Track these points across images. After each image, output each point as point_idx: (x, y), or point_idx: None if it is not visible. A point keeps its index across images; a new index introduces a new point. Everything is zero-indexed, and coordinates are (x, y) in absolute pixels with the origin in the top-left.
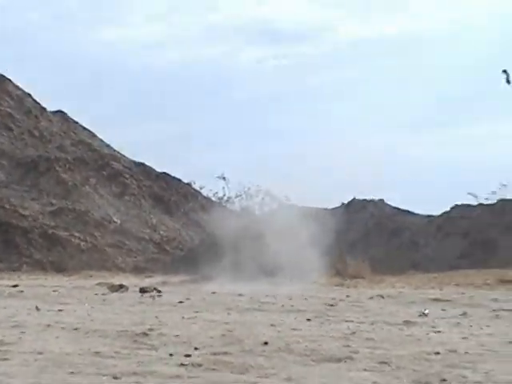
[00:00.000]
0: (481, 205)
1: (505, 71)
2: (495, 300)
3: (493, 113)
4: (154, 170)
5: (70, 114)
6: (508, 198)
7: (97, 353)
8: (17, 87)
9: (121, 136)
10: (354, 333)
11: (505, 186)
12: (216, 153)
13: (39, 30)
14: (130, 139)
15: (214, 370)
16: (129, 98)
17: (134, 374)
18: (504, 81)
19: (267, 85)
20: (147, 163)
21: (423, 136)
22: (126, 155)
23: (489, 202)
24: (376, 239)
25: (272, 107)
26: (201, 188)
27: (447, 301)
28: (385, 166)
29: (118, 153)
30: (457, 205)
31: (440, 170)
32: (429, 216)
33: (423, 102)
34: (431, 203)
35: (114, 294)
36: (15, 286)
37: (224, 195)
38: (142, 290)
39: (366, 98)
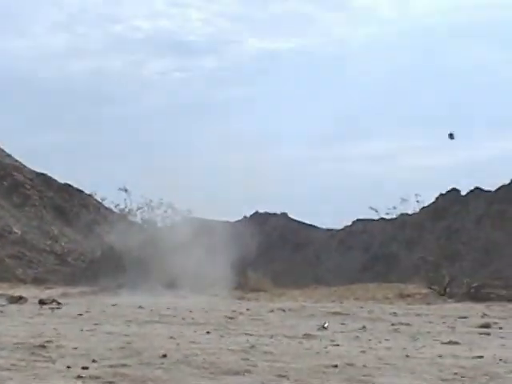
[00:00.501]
0: (382, 219)
1: (451, 135)
2: (394, 314)
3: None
4: (55, 180)
5: None
6: (408, 212)
7: None
8: None
9: (22, 146)
10: (253, 346)
11: (405, 200)
12: (118, 164)
13: None
14: (32, 149)
15: (111, 382)
16: (33, 108)
17: None
18: (448, 136)
19: (171, 97)
20: (49, 174)
21: (325, 150)
22: (28, 166)
23: (390, 216)
24: (279, 253)
25: (176, 119)
26: (102, 200)
27: (347, 314)
28: (288, 180)
29: (20, 163)
30: (358, 219)
31: (341, 184)
32: (331, 230)
33: (321, 118)
34: (333, 217)
35: (13, 305)
36: None
37: (126, 207)
38: (41, 302)
39: (273, 112)
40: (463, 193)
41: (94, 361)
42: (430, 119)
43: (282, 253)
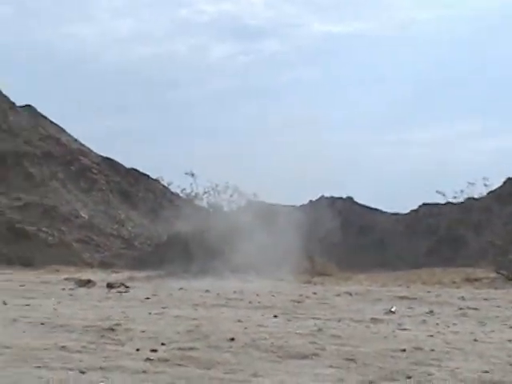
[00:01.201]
0: (448, 203)
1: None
2: (462, 298)
3: (462, 112)
4: (122, 165)
5: (39, 109)
6: (475, 196)
7: (63, 347)
8: None
9: (89, 131)
10: (320, 330)
11: (472, 184)
12: (184, 149)
13: (8, 24)
14: (99, 134)
15: (180, 365)
16: (98, 93)
17: (101, 368)
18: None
19: (235, 81)
20: (115, 159)
21: (392, 135)
22: (95, 150)
23: (456, 200)
24: (344, 237)
25: (241, 103)
26: (169, 184)
27: (414, 299)
28: (353, 164)
29: (87, 148)
30: (424, 203)
31: (408, 168)
32: (397, 214)
33: (392, 101)
34: (399, 202)
35: (82, 289)
36: None
37: (192, 191)
38: (109, 286)
39: (334, 95)
40: None
41: (162, 344)
42: (497, 102)
43: (347, 237)
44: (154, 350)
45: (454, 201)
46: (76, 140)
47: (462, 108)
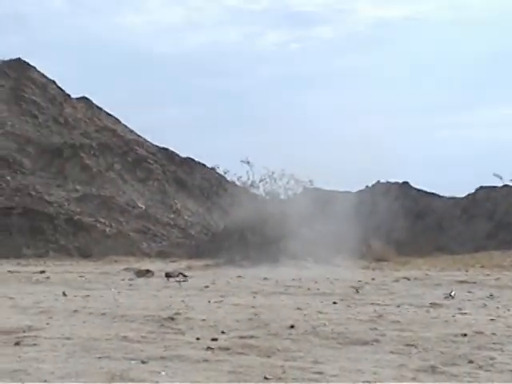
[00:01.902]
0: (506, 186)
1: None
2: None
3: None
4: (177, 154)
5: (94, 101)
6: None
7: (124, 337)
8: (41, 74)
9: (144, 121)
10: (380, 316)
11: None
12: (239, 137)
13: (63, 16)
14: (154, 124)
15: (240, 353)
16: (151, 83)
17: (162, 358)
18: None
19: (289, 68)
20: (171, 148)
21: (447, 118)
22: (150, 140)
23: None
24: (401, 222)
25: (294, 91)
26: (225, 172)
27: (473, 283)
28: (409, 149)
29: (142, 138)
30: (482, 186)
31: (465, 151)
32: (453, 198)
33: (447, 85)
34: (456, 185)
35: (141, 279)
36: (42, 272)
37: (248, 179)
38: (168, 275)
39: (388, 81)
40: None
41: (222, 332)
42: None
43: (404, 222)
44: (215, 339)
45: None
46: (132, 131)
47: None
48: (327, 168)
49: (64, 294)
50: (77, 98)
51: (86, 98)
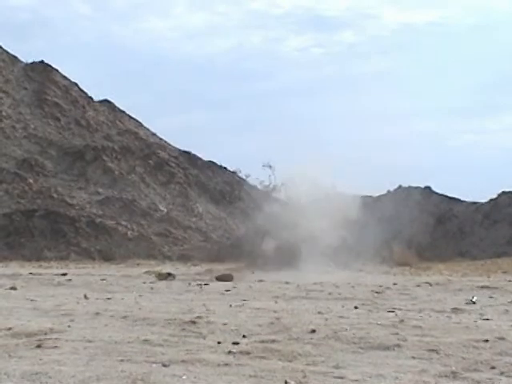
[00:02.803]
0: None
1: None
2: None
3: None
4: (199, 158)
5: (117, 104)
6: None
7: (146, 341)
8: (64, 77)
9: (166, 125)
10: (402, 321)
11: None
12: (261, 141)
13: (86, 20)
14: (176, 128)
15: (262, 357)
16: (174, 87)
17: (183, 361)
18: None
19: (310, 72)
20: (193, 151)
21: (470, 123)
22: (172, 144)
23: None
24: (422, 226)
25: (316, 95)
26: (246, 176)
27: (495, 288)
28: (431, 154)
29: (164, 141)
30: (504, 192)
31: (486, 156)
32: (475, 203)
33: (472, 89)
34: (478, 190)
35: (162, 282)
36: (64, 274)
37: (270, 184)
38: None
39: (411, 86)
40: None
41: (244, 336)
42: None
43: (425, 226)
44: (236, 343)
45: None
46: (154, 134)
47: None
48: (350, 172)
49: (85, 297)
50: (99, 101)
51: (109, 101)
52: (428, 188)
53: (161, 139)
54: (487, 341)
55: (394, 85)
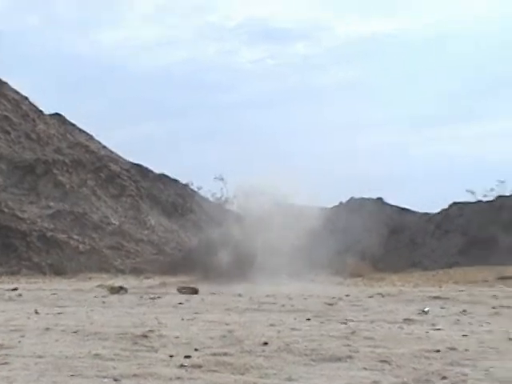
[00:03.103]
0: (479, 202)
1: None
2: (495, 297)
3: (491, 111)
4: (151, 171)
5: (67, 117)
6: (506, 194)
7: (97, 355)
8: (14, 90)
9: (118, 138)
10: (354, 332)
11: (503, 182)
12: (213, 153)
13: (37, 33)
14: (127, 141)
15: (214, 370)
16: (126, 99)
17: (135, 375)
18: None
19: (264, 84)
20: (145, 164)
21: (421, 134)
22: (124, 156)
23: (487, 198)
24: (375, 238)
25: (269, 107)
26: (199, 189)
27: (446, 298)
28: (382, 164)
29: (116, 154)
30: (455, 202)
31: (437, 167)
32: (427, 214)
33: (421, 101)
34: (429, 201)
35: (114, 295)
36: (14, 289)
37: (222, 196)
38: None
39: (363, 98)
40: None
41: (196, 349)
42: None
43: (378, 238)
44: (188, 356)
45: (485, 199)
46: (105, 147)
47: (494, 108)
48: (302, 184)
49: (36, 312)
50: (50, 115)
51: (59, 115)
52: (380, 199)
53: (112, 152)
54: (438, 351)
55: (346, 96)
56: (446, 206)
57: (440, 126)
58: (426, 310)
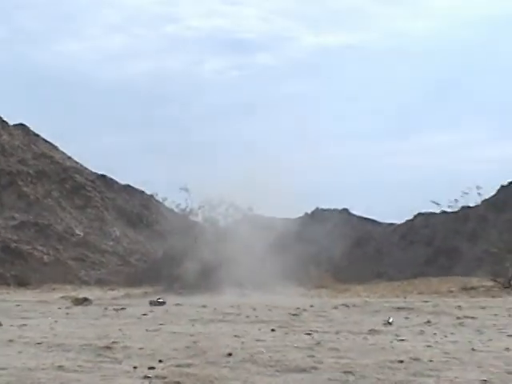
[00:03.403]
0: (444, 212)
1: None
2: (459, 307)
3: (455, 122)
4: (116, 182)
5: (32, 128)
6: (470, 205)
7: (60, 367)
8: None
9: (83, 148)
10: (318, 343)
11: (466, 193)
12: (178, 164)
13: (1, 43)
14: (92, 151)
15: (178, 382)
16: (91, 110)
17: None
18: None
19: (229, 95)
20: (109, 175)
21: (385, 145)
22: (89, 168)
23: (451, 209)
24: (340, 249)
25: (233, 118)
26: (163, 200)
27: (411, 309)
28: (347, 176)
29: (81, 165)
30: (420, 213)
31: (402, 178)
32: (392, 224)
33: (384, 112)
34: (394, 212)
35: (78, 307)
36: None
37: (187, 207)
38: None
39: (328, 108)
40: None
41: (160, 361)
42: (490, 111)
43: (343, 248)
44: (152, 368)
45: (449, 210)
46: (70, 158)
47: (456, 118)
48: (266, 195)
49: None
50: (14, 125)
51: (23, 125)
52: (345, 210)
53: (77, 163)
54: (402, 361)
55: (311, 107)
56: (411, 217)
57: (403, 137)
58: (390, 320)
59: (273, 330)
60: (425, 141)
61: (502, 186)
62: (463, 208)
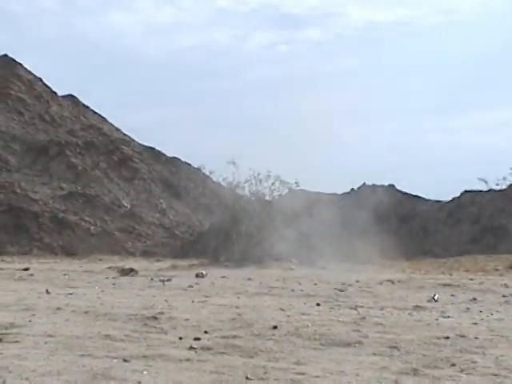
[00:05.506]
0: (491, 190)
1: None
2: (505, 286)
3: (505, 100)
4: (163, 154)
5: (81, 99)
6: None
7: (107, 336)
8: (28, 72)
9: (131, 120)
10: (363, 318)
11: None
12: (226, 138)
13: (51, 15)
14: (141, 124)
15: (223, 353)
16: (140, 83)
17: (144, 357)
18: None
19: (277, 70)
20: (157, 147)
21: (434, 122)
22: (136, 139)
23: (499, 187)
24: (386, 225)
25: (281, 92)
26: (210, 173)
27: (457, 286)
28: (395, 152)
29: (128, 137)
30: (467, 191)
31: (450, 155)
32: (439, 202)
33: (435, 89)
34: (441, 189)
35: (124, 277)
36: (26, 269)
37: (234, 180)
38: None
39: (376, 84)
40: None
41: (205, 332)
42: None
43: (389, 225)
44: (197, 339)
45: (497, 188)
46: (118, 129)
47: (507, 94)
48: (314, 170)
49: (47, 292)
50: (63, 96)
51: (73, 96)
52: (392, 186)
53: (125, 135)
54: (448, 338)
55: (358, 82)
56: (457, 195)
57: (453, 114)
58: (435, 297)
59: (318, 305)
60: (475, 118)
61: None
62: (511, 186)
